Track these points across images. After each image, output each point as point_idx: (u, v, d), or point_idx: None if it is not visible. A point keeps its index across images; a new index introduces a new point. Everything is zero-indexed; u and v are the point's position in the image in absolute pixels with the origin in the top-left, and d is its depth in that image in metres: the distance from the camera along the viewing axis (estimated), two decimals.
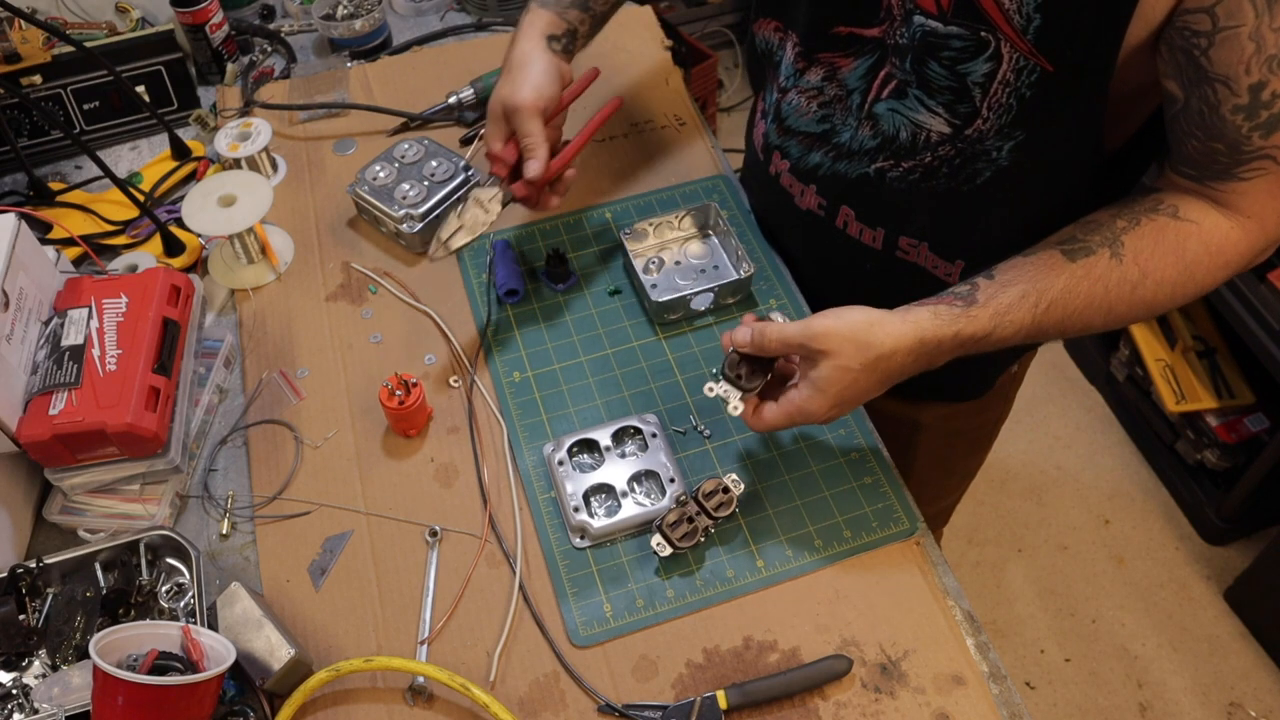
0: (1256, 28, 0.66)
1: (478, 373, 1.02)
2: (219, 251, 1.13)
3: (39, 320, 0.94)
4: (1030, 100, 0.77)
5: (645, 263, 1.08)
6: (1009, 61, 0.76)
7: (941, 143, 0.85)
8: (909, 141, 0.87)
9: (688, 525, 0.86)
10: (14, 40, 1.22)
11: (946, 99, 0.82)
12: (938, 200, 0.89)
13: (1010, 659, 1.90)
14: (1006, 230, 0.88)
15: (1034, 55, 0.75)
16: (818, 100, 0.94)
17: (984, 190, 0.86)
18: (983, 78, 0.78)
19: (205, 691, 0.75)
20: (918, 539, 0.89)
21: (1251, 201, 0.75)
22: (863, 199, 0.95)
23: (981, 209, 0.88)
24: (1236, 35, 0.67)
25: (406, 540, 0.90)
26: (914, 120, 0.85)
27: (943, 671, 0.82)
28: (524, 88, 0.96)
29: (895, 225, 0.95)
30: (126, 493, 0.93)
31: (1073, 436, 2.23)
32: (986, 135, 0.82)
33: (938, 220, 0.92)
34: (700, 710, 0.79)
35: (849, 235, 0.99)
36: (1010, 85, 0.77)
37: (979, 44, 0.76)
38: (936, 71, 0.80)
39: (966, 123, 0.82)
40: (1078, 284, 0.77)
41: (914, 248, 0.95)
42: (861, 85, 0.89)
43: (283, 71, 1.37)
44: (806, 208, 1.01)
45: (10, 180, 1.23)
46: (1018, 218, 0.88)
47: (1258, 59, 0.68)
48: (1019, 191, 0.86)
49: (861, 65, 0.88)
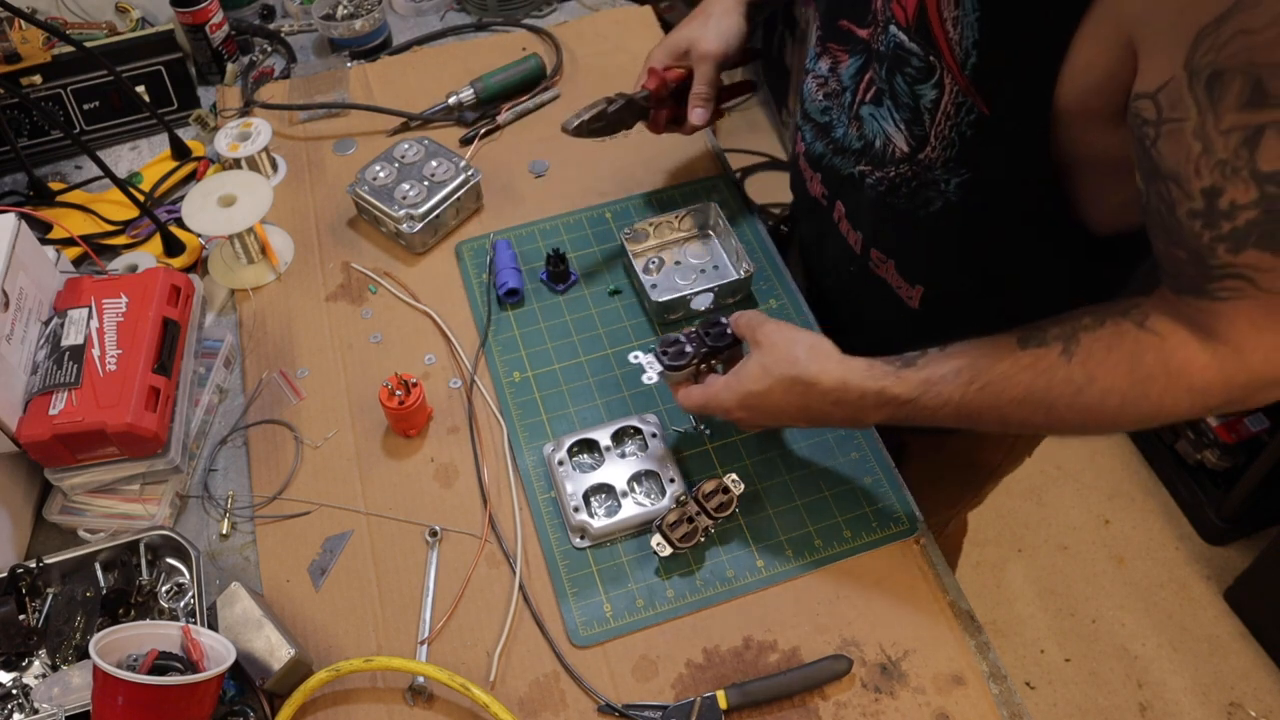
0: (1200, 125, 0.59)
1: (478, 373, 1.02)
2: (219, 251, 1.13)
3: (39, 320, 0.94)
4: (971, 140, 0.75)
5: (645, 263, 1.08)
6: (950, 94, 0.73)
7: (902, 160, 0.83)
8: (881, 151, 0.86)
9: (688, 525, 0.86)
10: (14, 40, 1.22)
11: (906, 117, 0.80)
12: (900, 219, 0.87)
13: (1010, 659, 1.90)
14: (963, 271, 0.86)
15: (970, 93, 0.72)
16: (824, 90, 0.94)
17: (937, 221, 0.83)
18: (930, 104, 0.76)
19: (205, 691, 0.75)
20: (918, 539, 0.89)
21: (1228, 326, 0.65)
22: (850, 197, 0.95)
23: (936, 239, 0.86)
24: (1180, 130, 0.60)
25: (406, 540, 0.90)
26: (885, 131, 0.84)
27: (943, 671, 0.82)
28: (716, 37, 1.00)
29: (870, 234, 0.94)
30: (126, 493, 0.93)
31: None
32: (935, 165, 0.79)
33: (900, 241, 0.91)
34: (700, 710, 0.79)
35: (840, 231, 0.99)
36: (951, 119, 0.75)
37: (929, 67, 0.74)
38: (901, 87, 0.79)
39: (920, 146, 0.80)
40: (1020, 373, 0.71)
41: (883, 263, 0.94)
42: (852, 84, 0.88)
43: (283, 71, 1.37)
44: (814, 194, 1.01)
45: (10, 180, 1.23)
46: (973, 260, 0.86)
47: (1206, 161, 0.59)
48: (970, 233, 0.83)
49: (854, 64, 0.88)
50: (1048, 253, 0.82)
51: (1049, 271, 0.79)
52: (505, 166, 1.22)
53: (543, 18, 1.44)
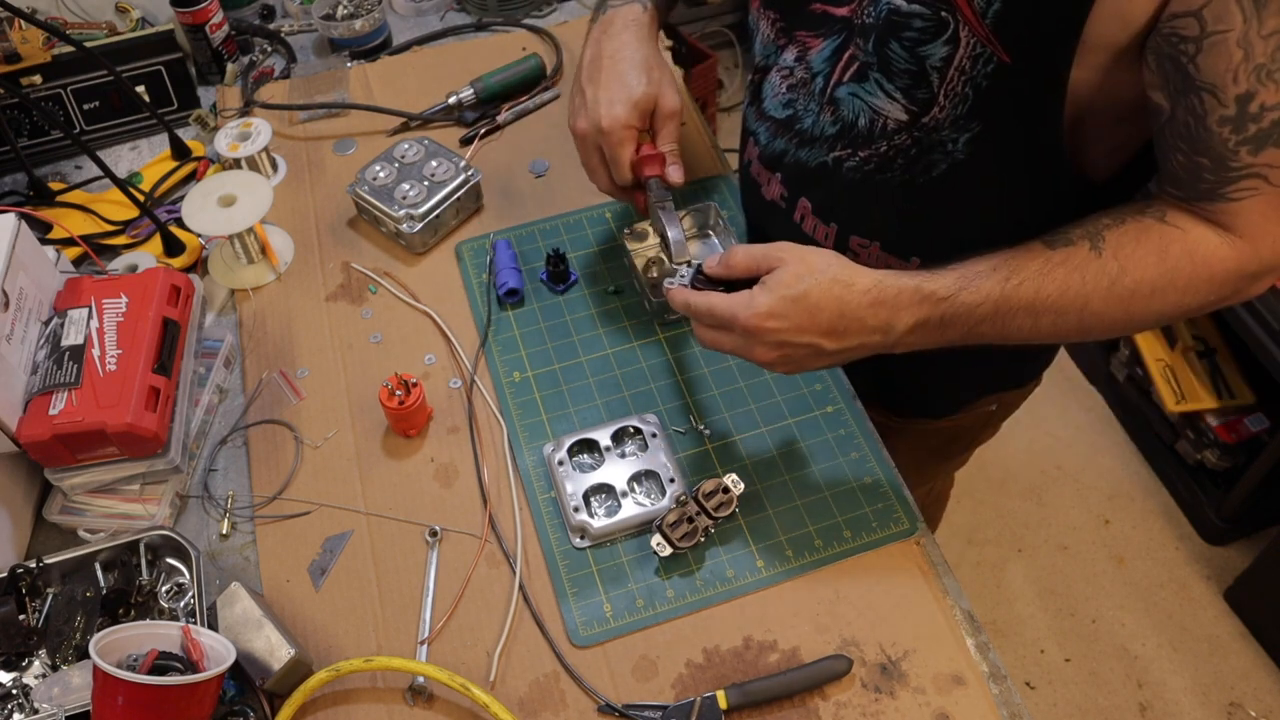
0: (1245, 33, 0.64)
1: (478, 373, 1.02)
2: (219, 251, 1.13)
3: (39, 320, 0.94)
4: (986, 91, 0.76)
5: (645, 263, 1.08)
6: (966, 46, 0.74)
7: (898, 131, 0.83)
8: (866, 129, 0.86)
9: (688, 525, 0.86)
10: (14, 40, 1.22)
11: (905, 83, 0.80)
12: (892, 194, 0.87)
13: (1010, 659, 1.90)
14: (964, 232, 0.86)
15: (991, 42, 0.73)
16: (788, 82, 0.93)
17: (940, 184, 0.84)
18: (940, 62, 0.76)
19: (205, 691, 0.75)
20: (918, 539, 0.89)
21: (1244, 222, 0.72)
22: (820, 190, 0.94)
23: (938, 204, 0.86)
24: (1224, 41, 0.65)
25: (406, 540, 0.90)
26: (872, 106, 0.84)
27: (943, 671, 0.82)
28: (672, 89, 0.94)
29: (848, 222, 0.94)
30: (126, 493, 0.93)
31: (1073, 436, 2.23)
32: (943, 125, 0.80)
33: (892, 217, 0.90)
34: (700, 710, 0.79)
35: (803, 231, 0.98)
36: (966, 73, 0.75)
37: (939, 24, 0.75)
38: (897, 53, 0.79)
39: (924, 110, 0.80)
40: (1054, 269, 0.75)
41: (864, 249, 0.94)
42: (826, 68, 0.88)
43: (283, 71, 1.37)
44: (770, 198, 1.01)
45: (10, 180, 1.23)
46: (976, 220, 0.86)
47: (1245, 67, 0.65)
48: (976, 190, 0.84)
49: (828, 47, 0.87)
50: (1048, 202, 0.83)
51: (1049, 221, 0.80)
52: (505, 166, 1.22)
53: (543, 18, 1.44)
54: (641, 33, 0.96)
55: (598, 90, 0.93)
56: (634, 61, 0.94)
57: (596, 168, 0.97)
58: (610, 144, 0.93)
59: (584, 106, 0.94)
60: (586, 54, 0.97)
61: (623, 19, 0.97)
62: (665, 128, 0.95)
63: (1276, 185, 0.69)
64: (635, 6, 0.98)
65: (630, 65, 0.94)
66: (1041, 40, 0.71)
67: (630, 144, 0.94)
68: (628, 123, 0.92)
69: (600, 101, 0.93)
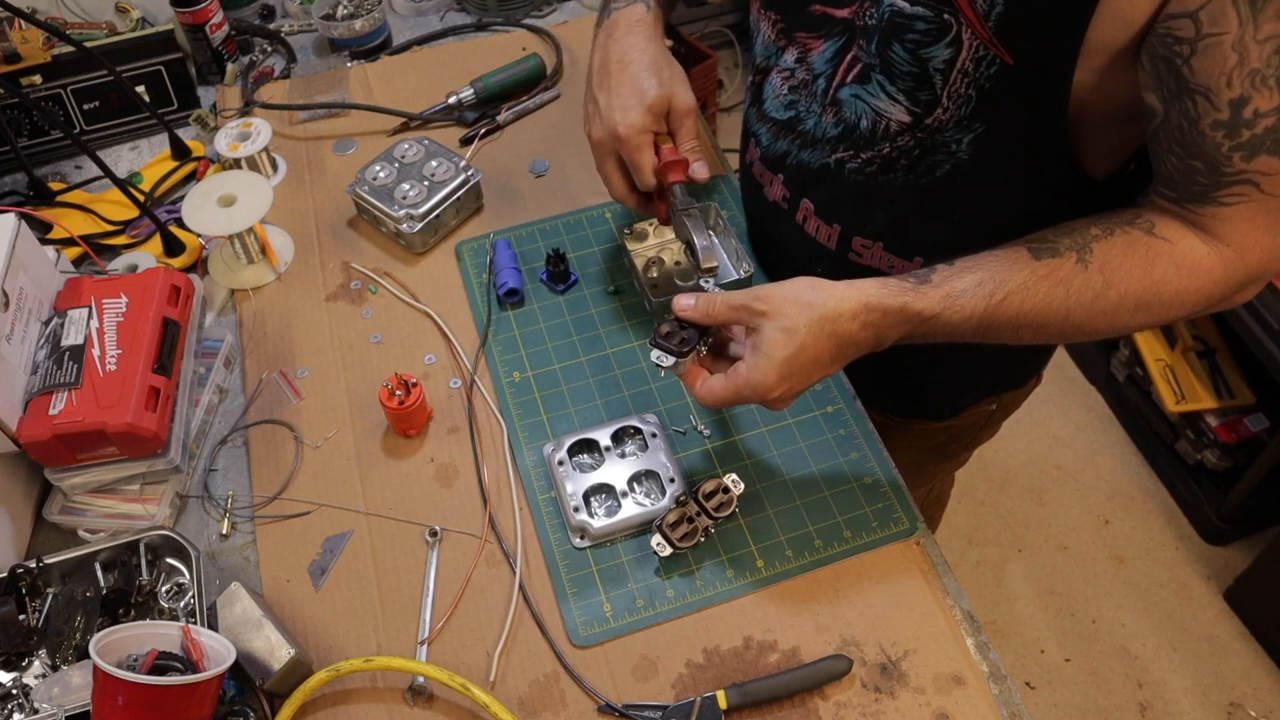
0: (1240, 37, 0.63)
1: (478, 373, 1.02)
2: (219, 251, 1.13)
3: (39, 320, 0.94)
4: (989, 92, 0.76)
5: (645, 263, 1.08)
6: (969, 49, 0.74)
7: (901, 132, 0.83)
8: (869, 131, 0.86)
9: (688, 525, 0.86)
10: (14, 40, 1.22)
11: (908, 85, 0.80)
12: (895, 195, 0.87)
13: (1010, 659, 1.90)
14: (967, 231, 0.86)
15: (994, 45, 0.73)
16: (789, 83, 0.93)
17: (943, 185, 0.84)
18: (943, 64, 0.76)
19: (205, 691, 0.75)
20: (918, 539, 0.89)
21: (1231, 229, 0.72)
22: (823, 191, 0.94)
23: (941, 205, 0.87)
24: (1219, 44, 0.64)
25: (406, 540, 0.90)
26: (875, 108, 0.84)
27: (943, 671, 0.82)
28: (684, 88, 0.93)
29: (851, 223, 0.94)
30: (126, 493, 0.93)
31: (1073, 436, 2.23)
32: (946, 126, 0.80)
33: (895, 217, 0.90)
34: (700, 710, 0.79)
35: (805, 232, 0.98)
36: (969, 75, 0.76)
37: (941, 27, 0.75)
38: (900, 55, 0.79)
39: (927, 111, 0.80)
40: (1038, 282, 0.75)
41: (867, 249, 0.94)
42: (827, 70, 0.88)
43: (283, 71, 1.37)
44: (773, 199, 1.01)
45: (10, 180, 1.23)
46: (978, 220, 0.86)
47: (1240, 71, 0.64)
48: (979, 190, 0.84)
49: (829, 48, 0.87)
50: (1051, 200, 0.84)
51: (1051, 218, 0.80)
52: (505, 166, 1.22)
53: (543, 18, 1.44)
54: (647, 32, 0.96)
55: (610, 96, 0.92)
56: (643, 63, 0.93)
57: (612, 175, 0.96)
58: (629, 150, 0.92)
59: (597, 114, 0.94)
60: (594, 60, 0.97)
61: (627, 21, 0.97)
62: (683, 126, 0.94)
63: (1267, 193, 0.69)
64: (639, 7, 0.98)
65: (640, 67, 0.93)
66: (1045, 43, 0.72)
67: (649, 148, 0.93)
68: (644, 127, 0.91)
69: (614, 108, 0.92)
